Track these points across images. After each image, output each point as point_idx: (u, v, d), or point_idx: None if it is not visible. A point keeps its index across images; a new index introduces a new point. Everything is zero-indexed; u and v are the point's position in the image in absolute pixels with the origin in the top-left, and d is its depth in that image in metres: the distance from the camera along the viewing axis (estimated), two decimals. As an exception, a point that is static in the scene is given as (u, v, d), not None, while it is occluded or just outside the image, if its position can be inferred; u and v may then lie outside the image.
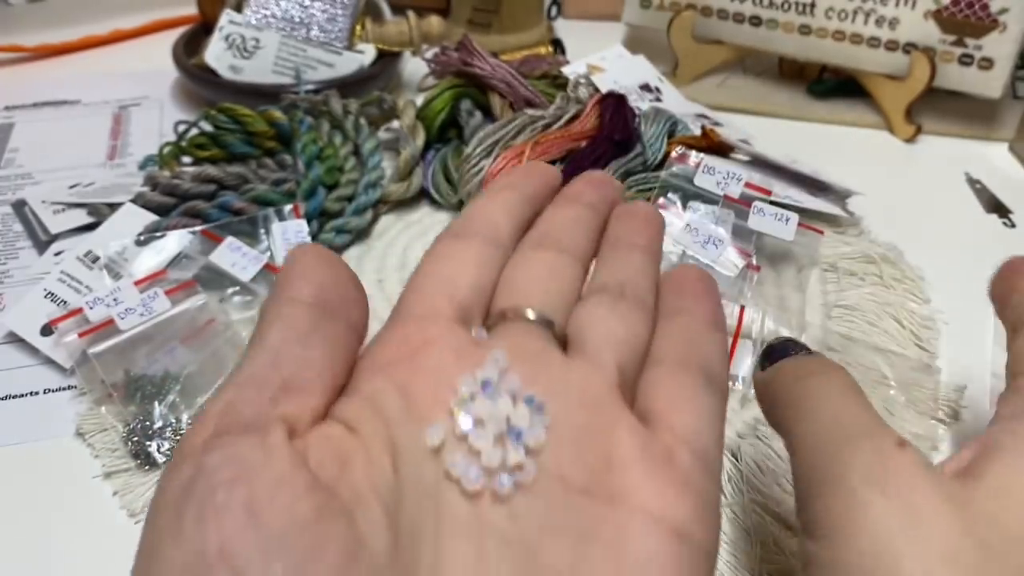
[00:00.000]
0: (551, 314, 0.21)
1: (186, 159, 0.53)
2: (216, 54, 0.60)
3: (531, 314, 0.21)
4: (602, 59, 0.60)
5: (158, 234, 0.44)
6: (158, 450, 0.35)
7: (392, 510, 0.17)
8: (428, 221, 0.51)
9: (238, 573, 0.14)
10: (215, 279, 0.42)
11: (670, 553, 0.17)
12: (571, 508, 0.17)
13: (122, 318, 0.38)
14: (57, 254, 0.47)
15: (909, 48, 0.59)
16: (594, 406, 0.19)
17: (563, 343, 0.21)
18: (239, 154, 0.52)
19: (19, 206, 0.52)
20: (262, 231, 0.45)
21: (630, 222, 0.25)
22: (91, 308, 0.38)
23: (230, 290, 0.43)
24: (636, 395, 0.21)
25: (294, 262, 0.20)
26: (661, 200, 0.44)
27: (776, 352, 0.27)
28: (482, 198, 0.25)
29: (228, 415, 0.17)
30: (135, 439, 0.35)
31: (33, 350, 0.40)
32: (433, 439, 0.18)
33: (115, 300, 0.38)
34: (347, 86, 0.59)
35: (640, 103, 0.56)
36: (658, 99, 0.58)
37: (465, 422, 0.18)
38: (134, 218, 0.46)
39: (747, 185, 0.43)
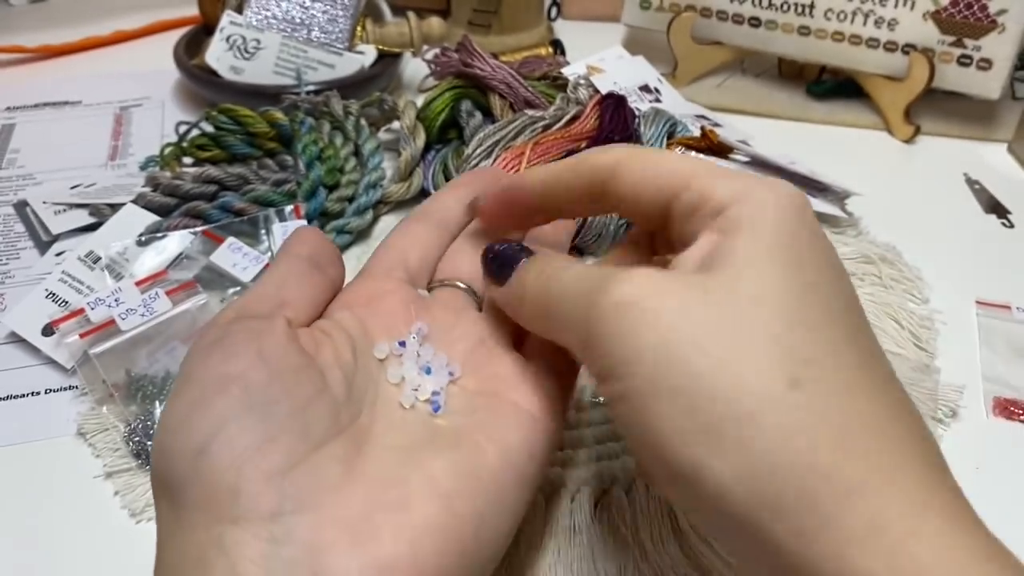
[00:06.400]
0: (475, 284, 0.30)
1: (187, 160, 0.53)
2: (217, 55, 0.60)
3: (461, 284, 0.30)
4: (602, 60, 0.60)
5: (159, 234, 0.44)
6: (159, 450, 0.35)
7: (348, 377, 0.25)
8: (428, 222, 0.51)
9: (248, 387, 0.22)
10: (216, 279, 0.43)
11: (529, 424, 0.26)
12: (466, 398, 0.26)
13: (123, 318, 0.38)
14: (58, 254, 0.47)
15: (908, 49, 0.59)
16: (488, 346, 0.28)
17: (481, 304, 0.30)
18: (240, 155, 0.52)
19: (20, 207, 0.52)
20: (263, 232, 0.45)
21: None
22: (92, 308, 0.38)
23: (231, 290, 0.43)
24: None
25: (297, 234, 0.29)
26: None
27: (506, 259, 0.27)
28: (443, 190, 0.33)
29: (245, 309, 0.25)
30: (136, 439, 0.35)
31: (34, 350, 0.41)
32: (380, 353, 0.27)
33: (116, 300, 0.39)
34: (348, 87, 0.59)
35: (640, 104, 0.56)
36: (658, 100, 0.58)
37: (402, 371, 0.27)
38: (135, 218, 0.46)
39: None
